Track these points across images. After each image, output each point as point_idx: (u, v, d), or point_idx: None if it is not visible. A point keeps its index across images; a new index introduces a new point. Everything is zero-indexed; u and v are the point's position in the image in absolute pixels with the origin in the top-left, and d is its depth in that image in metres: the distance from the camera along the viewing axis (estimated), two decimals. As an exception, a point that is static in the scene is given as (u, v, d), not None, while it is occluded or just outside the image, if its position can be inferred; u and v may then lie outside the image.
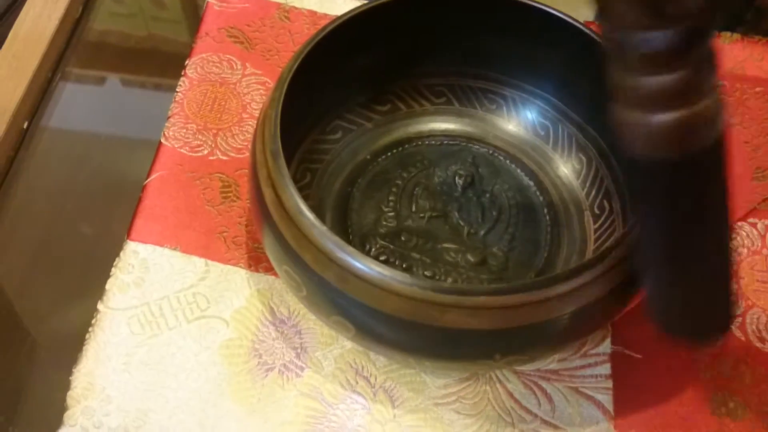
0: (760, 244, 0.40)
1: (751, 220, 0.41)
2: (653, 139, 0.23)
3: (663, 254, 0.26)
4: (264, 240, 0.33)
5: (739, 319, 0.37)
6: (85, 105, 0.48)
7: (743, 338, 0.37)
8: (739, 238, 0.40)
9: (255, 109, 0.44)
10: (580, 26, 0.36)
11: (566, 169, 0.41)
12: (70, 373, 0.35)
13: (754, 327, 0.37)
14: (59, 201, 0.43)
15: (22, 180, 0.43)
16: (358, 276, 0.28)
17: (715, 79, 0.22)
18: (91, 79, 0.50)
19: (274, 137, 0.32)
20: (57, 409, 0.34)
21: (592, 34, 0.36)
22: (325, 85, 0.38)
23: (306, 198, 0.38)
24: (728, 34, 0.48)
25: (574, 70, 0.39)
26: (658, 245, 0.26)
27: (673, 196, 0.24)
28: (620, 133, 0.24)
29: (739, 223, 0.41)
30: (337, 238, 0.29)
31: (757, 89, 0.46)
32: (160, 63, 0.51)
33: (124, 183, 0.43)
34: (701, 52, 0.22)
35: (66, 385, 0.35)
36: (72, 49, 0.49)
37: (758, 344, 0.37)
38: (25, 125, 0.45)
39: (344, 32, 0.36)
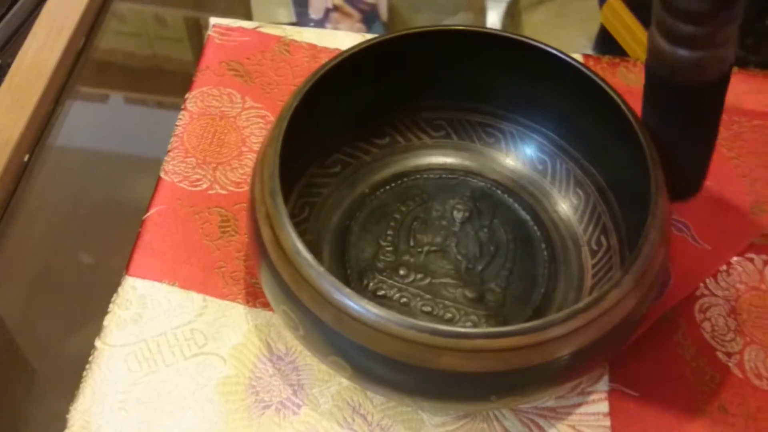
0: (758, 280, 0.40)
1: (748, 255, 0.41)
2: (675, 67, 0.31)
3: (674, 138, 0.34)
4: (261, 278, 0.33)
5: (737, 357, 0.37)
6: (85, 135, 0.48)
7: (741, 375, 0.37)
8: (736, 273, 0.40)
9: (254, 143, 0.44)
10: (577, 64, 0.36)
11: (564, 204, 0.41)
12: (67, 406, 0.35)
13: (752, 364, 0.37)
14: (59, 232, 0.43)
15: (22, 212, 0.43)
16: (354, 317, 0.29)
17: (732, 33, 0.29)
18: (92, 108, 0.50)
19: (272, 176, 0.32)
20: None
21: (589, 73, 0.36)
22: (325, 120, 0.38)
23: (304, 232, 0.39)
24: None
25: (573, 106, 0.39)
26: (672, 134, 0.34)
27: (681, 109, 0.33)
28: (651, 54, 0.31)
29: (736, 259, 0.40)
30: (334, 279, 0.29)
31: (755, 122, 0.46)
32: (163, 85, 0.51)
33: (124, 212, 0.43)
34: (726, 15, 0.29)
35: (63, 421, 0.35)
36: (73, 82, 0.49)
37: (756, 381, 0.37)
38: (26, 158, 0.45)
39: (344, 69, 0.36)
